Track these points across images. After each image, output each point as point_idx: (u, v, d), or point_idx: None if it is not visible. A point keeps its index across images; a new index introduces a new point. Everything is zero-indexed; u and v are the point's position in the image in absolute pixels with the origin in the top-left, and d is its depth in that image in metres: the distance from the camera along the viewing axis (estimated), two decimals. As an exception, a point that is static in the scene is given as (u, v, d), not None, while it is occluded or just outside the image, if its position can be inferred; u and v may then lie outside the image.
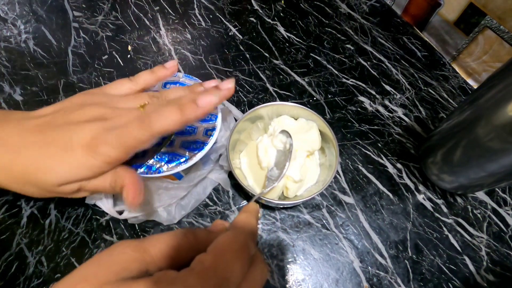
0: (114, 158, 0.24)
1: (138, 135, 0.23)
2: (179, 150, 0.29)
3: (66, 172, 0.24)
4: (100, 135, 0.24)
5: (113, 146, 0.24)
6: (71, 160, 0.24)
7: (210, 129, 0.31)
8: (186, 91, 0.28)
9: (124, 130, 0.24)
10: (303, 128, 0.35)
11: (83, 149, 0.23)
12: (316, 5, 0.53)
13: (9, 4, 0.51)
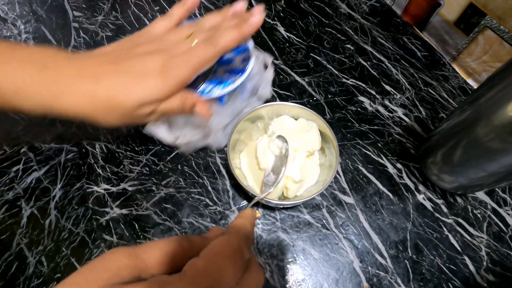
0: (184, 78, 0.27)
1: (205, 54, 0.27)
2: (224, 76, 0.34)
3: (145, 94, 0.26)
4: (168, 61, 0.27)
5: (182, 68, 0.27)
6: (148, 84, 0.26)
7: (246, 58, 0.35)
8: (218, 17, 0.31)
9: (191, 53, 0.27)
10: (303, 128, 0.34)
11: (156, 74, 0.26)
12: (316, 5, 0.53)
13: (9, 4, 0.51)
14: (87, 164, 0.37)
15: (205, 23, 0.31)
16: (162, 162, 0.37)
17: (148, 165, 0.37)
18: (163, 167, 0.37)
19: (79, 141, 0.38)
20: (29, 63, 0.26)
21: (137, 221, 0.33)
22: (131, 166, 0.37)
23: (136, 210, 0.34)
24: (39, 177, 0.36)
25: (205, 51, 0.28)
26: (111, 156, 0.37)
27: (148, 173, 0.36)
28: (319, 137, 0.34)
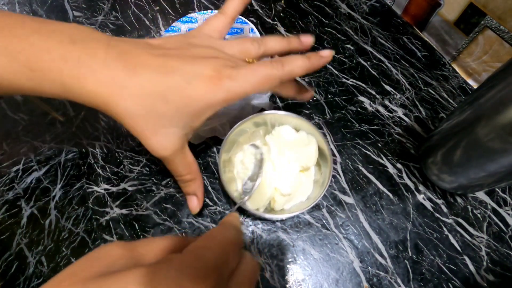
0: (246, 89, 0.24)
1: (272, 72, 0.25)
2: None
3: (193, 95, 0.23)
4: (222, 70, 0.24)
5: (238, 81, 0.24)
6: (199, 86, 0.23)
7: None
8: (284, 42, 0.29)
9: (255, 67, 0.25)
10: (302, 141, 0.33)
11: (205, 81, 0.23)
12: (316, 5, 0.53)
13: (9, 4, 0.51)
14: (87, 164, 0.37)
15: (269, 42, 0.28)
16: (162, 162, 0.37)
17: (148, 165, 0.37)
18: (163, 167, 0.37)
19: (79, 141, 0.38)
20: (58, 34, 0.22)
21: (137, 221, 0.33)
22: (131, 166, 0.37)
23: (136, 210, 0.34)
24: (39, 177, 0.36)
25: (272, 70, 0.25)
26: (111, 156, 0.37)
27: (148, 173, 0.36)
28: (316, 153, 0.33)
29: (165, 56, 0.24)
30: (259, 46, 0.28)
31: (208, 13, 0.40)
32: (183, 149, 0.26)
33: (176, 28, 0.39)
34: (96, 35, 0.23)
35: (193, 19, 0.40)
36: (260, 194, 0.31)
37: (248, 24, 0.39)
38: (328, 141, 0.32)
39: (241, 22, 0.40)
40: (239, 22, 0.40)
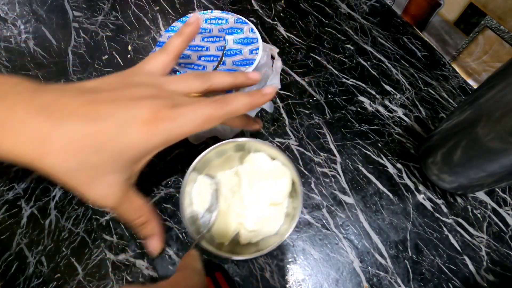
0: (175, 136, 0.23)
1: (213, 112, 0.24)
2: (232, 67, 0.35)
3: (122, 143, 0.22)
4: (160, 111, 0.22)
5: (177, 122, 0.22)
6: (127, 138, 0.22)
7: (254, 49, 0.37)
8: (230, 77, 0.28)
9: (197, 106, 0.23)
10: (274, 173, 0.31)
11: (140, 126, 0.22)
12: (316, 5, 0.53)
13: (9, 4, 0.51)
14: (87, 164, 0.37)
15: (215, 78, 0.27)
16: (162, 162, 0.37)
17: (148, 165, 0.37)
18: (163, 167, 0.37)
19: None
20: None
21: (137, 221, 0.33)
22: (131, 166, 0.37)
23: (136, 210, 0.34)
24: (39, 177, 0.36)
25: (213, 110, 0.24)
26: (111, 156, 0.37)
27: (148, 173, 0.36)
28: (288, 187, 0.31)
29: (95, 103, 0.22)
30: (204, 82, 0.27)
31: (208, 13, 0.40)
32: (128, 194, 0.25)
33: (176, 28, 0.39)
34: (19, 87, 0.22)
35: None
36: (225, 228, 0.30)
37: (248, 24, 0.39)
38: (297, 172, 0.30)
39: (241, 22, 0.40)
40: (239, 22, 0.40)
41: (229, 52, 0.37)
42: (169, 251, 0.32)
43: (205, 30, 0.39)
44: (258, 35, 0.38)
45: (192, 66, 0.35)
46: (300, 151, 0.38)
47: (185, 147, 0.38)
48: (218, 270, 0.31)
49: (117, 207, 0.24)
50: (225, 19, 0.40)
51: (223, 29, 0.39)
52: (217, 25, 0.40)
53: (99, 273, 0.31)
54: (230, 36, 0.38)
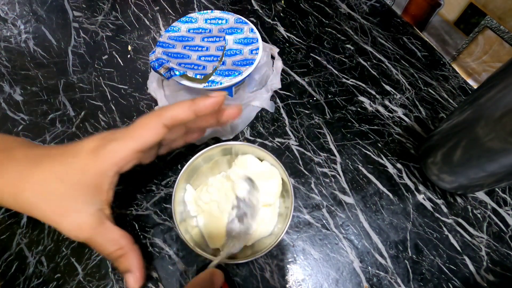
0: (123, 154, 0.24)
1: (150, 122, 0.25)
2: (232, 67, 0.35)
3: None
4: (106, 136, 0.25)
5: (123, 140, 0.24)
6: (79, 163, 0.24)
7: (254, 49, 0.37)
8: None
9: (134, 124, 0.25)
10: (264, 174, 0.31)
11: (88, 152, 0.24)
12: (316, 5, 0.53)
13: (9, 4, 0.51)
14: (87, 164, 0.37)
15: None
16: (162, 162, 0.37)
17: (148, 165, 0.37)
18: (163, 167, 0.37)
19: (79, 141, 0.38)
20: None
21: (137, 221, 0.33)
22: (131, 166, 0.37)
23: (136, 210, 0.34)
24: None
25: (150, 120, 0.26)
26: (111, 156, 0.37)
27: (148, 173, 0.36)
28: (279, 187, 0.31)
29: (61, 147, 0.26)
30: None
31: (208, 13, 0.40)
32: (103, 225, 0.25)
33: (176, 28, 0.39)
34: (24, 147, 0.26)
35: (193, 19, 0.40)
36: (218, 233, 0.30)
37: (248, 24, 0.39)
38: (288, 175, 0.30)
39: (241, 22, 0.40)
40: (239, 22, 0.40)
41: (229, 52, 0.37)
42: (169, 251, 0.32)
43: (205, 30, 0.39)
44: (258, 35, 0.38)
45: (192, 66, 0.35)
46: (300, 151, 0.38)
47: (185, 147, 0.38)
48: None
49: (93, 239, 0.24)
50: (225, 19, 0.40)
51: (223, 29, 0.39)
52: (217, 25, 0.40)
53: (99, 273, 0.31)
54: (230, 36, 0.38)
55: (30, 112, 0.40)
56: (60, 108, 0.41)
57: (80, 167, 0.24)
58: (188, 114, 0.25)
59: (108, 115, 0.40)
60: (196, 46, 0.37)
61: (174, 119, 0.25)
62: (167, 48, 0.36)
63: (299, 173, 0.37)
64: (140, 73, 0.44)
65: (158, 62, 0.34)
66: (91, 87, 0.43)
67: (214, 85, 0.34)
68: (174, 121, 0.25)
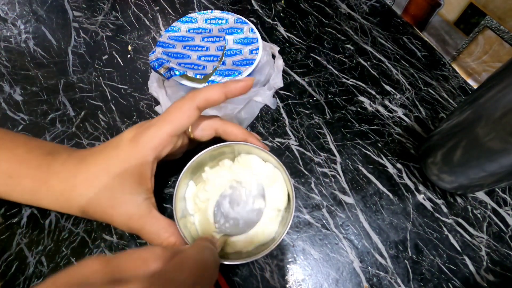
0: (161, 138, 0.26)
1: (184, 105, 0.26)
2: (232, 67, 0.35)
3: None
4: (141, 126, 0.27)
5: (157, 125, 0.26)
6: (121, 153, 0.25)
7: (254, 49, 0.37)
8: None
9: (168, 108, 0.27)
10: (269, 178, 0.31)
11: (128, 141, 0.26)
12: (316, 5, 0.53)
13: (9, 4, 0.51)
14: (87, 164, 0.37)
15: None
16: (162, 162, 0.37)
17: (148, 165, 0.37)
18: (163, 167, 0.37)
19: (79, 141, 0.38)
20: (38, 148, 0.27)
21: (137, 221, 0.33)
22: (131, 166, 0.37)
23: (136, 210, 0.34)
24: (39, 177, 0.35)
25: (183, 104, 0.27)
26: (111, 156, 0.37)
27: (148, 173, 0.36)
28: (285, 190, 0.30)
29: (105, 143, 0.27)
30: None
31: (208, 13, 0.40)
32: (152, 214, 0.26)
33: (176, 28, 0.39)
34: (67, 149, 0.29)
35: (193, 19, 0.40)
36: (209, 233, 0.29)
37: (248, 24, 0.39)
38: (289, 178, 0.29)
39: (241, 22, 0.40)
40: (239, 22, 0.40)
41: (229, 52, 0.37)
42: (169, 251, 0.32)
43: (205, 30, 0.39)
44: (258, 35, 0.38)
45: (192, 66, 0.35)
46: (300, 151, 0.38)
47: (185, 147, 0.38)
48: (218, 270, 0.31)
49: (142, 229, 0.25)
50: (225, 19, 0.40)
51: (223, 29, 0.39)
52: (217, 25, 0.40)
53: (99, 273, 0.31)
54: (230, 36, 0.38)
55: (30, 112, 0.40)
56: (60, 108, 0.41)
57: (123, 157, 0.25)
58: (220, 96, 0.27)
59: (108, 115, 0.40)
60: (196, 46, 0.37)
61: (207, 100, 0.26)
62: (167, 48, 0.36)
63: (299, 173, 0.37)
64: (140, 73, 0.44)
65: (158, 62, 0.33)
66: (91, 87, 0.43)
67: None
68: (207, 102, 0.26)
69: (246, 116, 0.38)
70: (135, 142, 0.25)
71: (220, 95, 0.27)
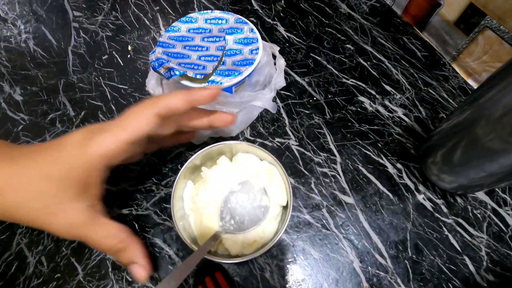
0: (113, 145, 0.23)
1: (143, 111, 0.24)
2: (232, 67, 0.35)
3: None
4: (94, 128, 0.24)
5: (111, 131, 0.23)
6: (66, 157, 0.23)
7: (255, 49, 0.37)
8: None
9: (126, 113, 0.24)
10: (267, 175, 0.31)
11: (75, 144, 0.23)
12: (316, 5, 0.53)
13: (9, 4, 0.51)
14: (87, 164, 0.37)
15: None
16: (162, 162, 0.37)
17: (148, 165, 0.37)
18: (163, 167, 0.37)
19: (79, 141, 0.38)
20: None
21: (137, 221, 0.33)
22: (131, 166, 0.37)
23: (136, 210, 0.34)
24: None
25: (143, 107, 0.25)
26: (111, 156, 0.37)
27: (148, 173, 0.36)
28: (283, 186, 0.30)
29: (44, 143, 0.24)
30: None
31: (208, 13, 0.40)
32: (97, 221, 0.24)
33: (176, 28, 0.39)
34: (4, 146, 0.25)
35: (193, 19, 0.40)
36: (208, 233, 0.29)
37: (248, 24, 0.39)
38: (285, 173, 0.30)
39: (241, 22, 0.40)
40: (239, 22, 0.40)
41: (229, 52, 0.37)
42: (169, 251, 0.32)
43: (205, 30, 0.39)
44: (258, 35, 0.38)
45: (192, 66, 0.35)
46: (300, 151, 0.38)
47: (185, 146, 0.38)
48: (218, 270, 0.31)
49: (85, 236, 0.24)
50: (225, 19, 0.40)
51: (223, 29, 0.39)
52: (217, 25, 0.40)
53: (99, 273, 0.31)
54: (230, 36, 0.38)
55: (30, 112, 0.40)
56: (60, 108, 0.41)
57: (66, 162, 0.23)
58: (183, 104, 0.25)
59: (108, 115, 0.40)
60: (196, 46, 0.37)
61: (168, 108, 0.24)
62: (167, 48, 0.36)
63: (299, 173, 0.37)
64: (140, 73, 0.44)
65: (158, 62, 0.34)
66: (91, 87, 0.43)
67: (214, 85, 0.34)
68: (168, 110, 0.24)
69: (243, 120, 0.38)
70: (83, 147, 0.23)
71: (183, 103, 0.25)
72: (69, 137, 0.24)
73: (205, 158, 0.32)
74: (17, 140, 0.38)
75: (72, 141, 0.23)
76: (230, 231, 0.30)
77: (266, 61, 0.40)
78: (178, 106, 0.24)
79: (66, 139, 0.24)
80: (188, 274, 0.31)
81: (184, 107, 0.25)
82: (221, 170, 0.32)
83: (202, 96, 0.25)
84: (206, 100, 0.26)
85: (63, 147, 0.23)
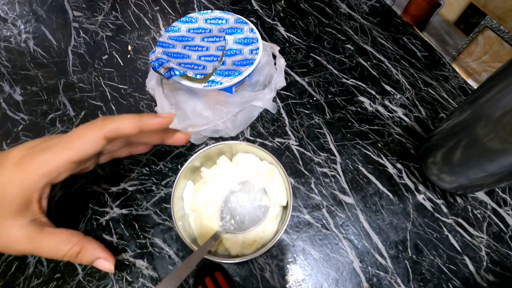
0: (55, 165, 0.23)
1: (90, 132, 0.23)
2: (232, 67, 0.35)
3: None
4: (35, 146, 0.23)
5: (53, 150, 0.23)
6: (4, 178, 0.22)
7: (255, 49, 0.37)
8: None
9: (71, 133, 0.24)
10: (267, 175, 0.32)
11: (14, 163, 0.22)
12: (316, 5, 0.53)
13: (9, 4, 0.51)
14: (87, 164, 0.37)
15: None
16: (162, 162, 0.37)
17: (148, 165, 0.37)
18: (163, 167, 0.37)
19: (79, 141, 0.38)
20: None
21: (137, 221, 0.33)
22: (131, 166, 0.37)
23: (136, 210, 0.34)
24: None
25: (91, 131, 0.24)
26: (111, 156, 0.37)
27: (148, 173, 0.36)
28: (283, 186, 0.31)
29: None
30: None
31: (208, 13, 0.40)
32: (43, 233, 0.23)
33: (176, 28, 0.39)
34: None
35: (193, 19, 0.40)
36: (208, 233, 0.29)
37: (248, 24, 0.39)
38: (285, 172, 0.30)
39: (241, 22, 0.40)
40: (239, 22, 0.40)
41: (229, 52, 0.37)
42: (169, 251, 0.32)
43: (205, 30, 0.39)
44: (258, 35, 0.38)
45: (192, 66, 0.35)
46: (300, 151, 0.38)
47: (184, 146, 0.38)
48: (218, 270, 0.31)
49: (34, 250, 0.23)
50: (225, 19, 0.40)
51: (223, 29, 0.39)
52: (217, 25, 0.40)
53: (99, 273, 0.31)
54: (230, 36, 0.38)
55: (30, 112, 0.40)
56: (60, 108, 0.41)
57: (3, 181, 0.22)
58: (132, 129, 0.24)
59: (108, 115, 0.40)
60: (196, 46, 0.37)
61: (116, 132, 0.24)
62: (167, 48, 0.36)
63: (299, 173, 0.37)
64: (140, 73, 0.44)
65: (158, 62, 0.34)
66: (91, 87, 0.43)
67: (214, 85, 0.34)
68: (116, 134, 0.24)
69: (242, 120, 0.38)
70: (22, 166, 0.22)
71: (133, 128, 0.24)
72: (9, 154, 0.23)
73: (205, 158, 0.32)
74: (17, 140, 0.38)
75: (12, 159, 0.23)
76: (230, 231, 0.30)
77: (266, 61, 0.40)
78: (127, 130, 0.24)
79: (6, 155, 0.23)
80: (188, 274, 0.31)
81: (133, 131, 0.25)
82: (221, 170, 0.32)
83: (152, 123, 0.25)
84: (156, 127, 0.25)
85: (2, 165, 0.23)
